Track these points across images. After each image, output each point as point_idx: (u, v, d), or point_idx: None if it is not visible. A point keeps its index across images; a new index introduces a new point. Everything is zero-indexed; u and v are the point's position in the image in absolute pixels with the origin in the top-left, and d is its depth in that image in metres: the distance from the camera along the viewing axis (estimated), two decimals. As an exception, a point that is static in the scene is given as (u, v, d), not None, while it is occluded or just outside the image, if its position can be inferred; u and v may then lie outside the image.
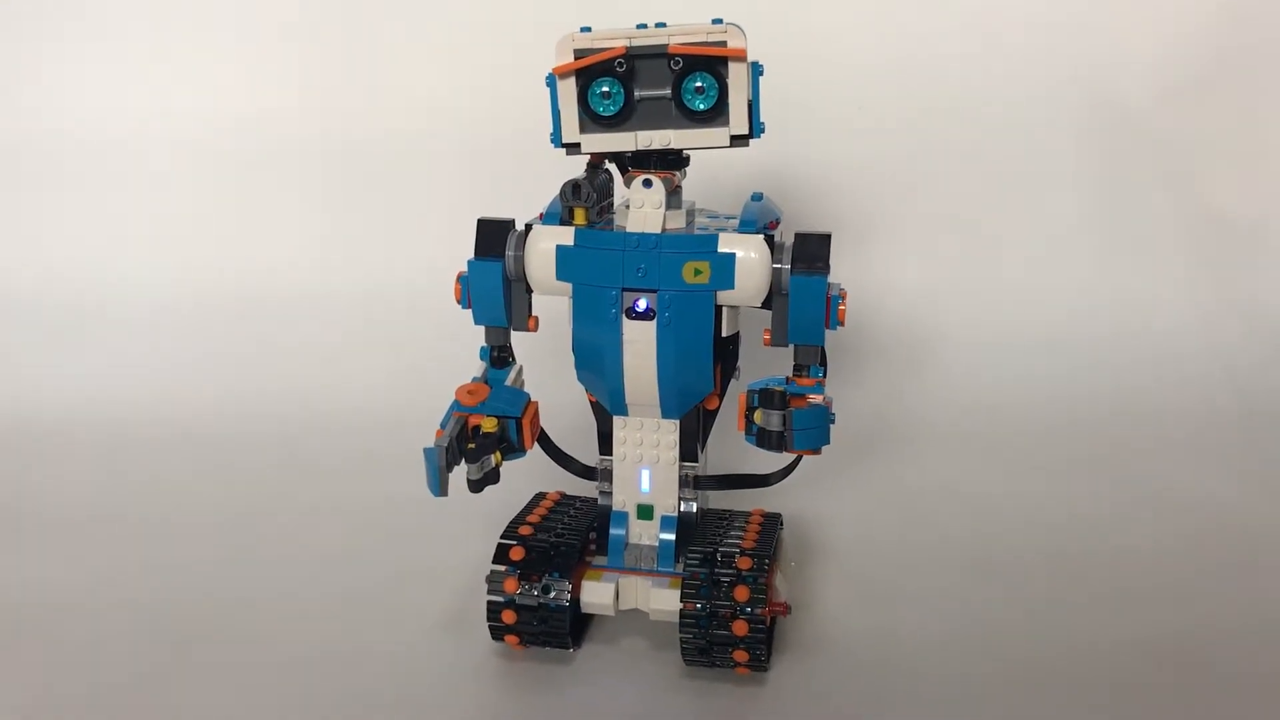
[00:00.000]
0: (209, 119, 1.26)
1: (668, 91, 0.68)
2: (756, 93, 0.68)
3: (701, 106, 0.68)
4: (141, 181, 1.28)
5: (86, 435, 1.14)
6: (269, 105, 1.26)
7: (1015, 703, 0.71)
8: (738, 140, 0.69)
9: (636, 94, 0.68)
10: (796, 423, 0.67)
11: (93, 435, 1.14)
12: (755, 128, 0.69)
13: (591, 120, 0.69)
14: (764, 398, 0.68)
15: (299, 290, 1.25)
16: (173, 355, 1.23)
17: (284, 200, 1.27)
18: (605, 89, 0.68)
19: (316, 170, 1.27)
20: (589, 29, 0.68)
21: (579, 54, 0.68)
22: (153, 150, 1.27)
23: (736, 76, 0.67)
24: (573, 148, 0.70)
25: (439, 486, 0.67)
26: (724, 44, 0.67)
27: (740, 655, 0.70)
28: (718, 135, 0.69)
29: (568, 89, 0.68)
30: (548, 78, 0.69)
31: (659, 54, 0.67)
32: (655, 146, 0.69)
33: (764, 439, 0.68)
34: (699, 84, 0.68)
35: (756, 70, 0.68)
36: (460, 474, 0.69)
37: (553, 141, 0.70)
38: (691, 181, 0.76)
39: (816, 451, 0.69)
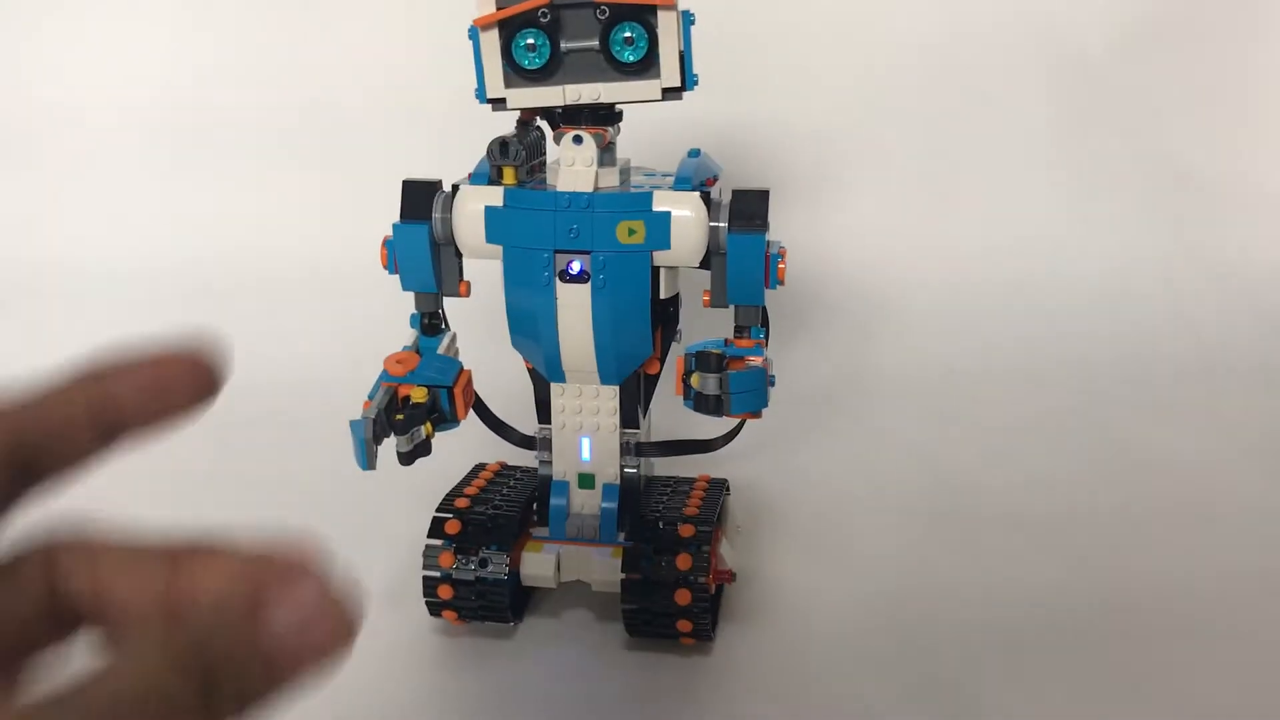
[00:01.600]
0: (154, 97, 1.23)
1: (595, 43, 0.65)
2: (688, 43, 0.65)
3: (631, 58, 0.65)
4: (82, 160, 1.25)
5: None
6: (210, 80, 1.23)
7: (969, 663, 0.70)
8: (669, 93, 0.66)
9: (563, 46, 0.66)
10: (733, 386, 0.65)
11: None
12: (688, 80, 0.66)
13: (516, 74, 0.66)
14: (700, 361, 0.65)
15: (228, 260, 1.22)
16: (105, 327, 1.19)
17: (220, 174, 1.24)
18: (530, 40, 0.65)
19: (255, 142, 1.23)
20: None
21: (501, 4, 0.64)
22: (94, 128, 1.24)
23: (666, 26, 0.64)
24: (498, 103, 0.67)
25: (366, 460, 0.65)
26: None
27: (684, 625, 0.69)
28: (649, 88, 0.66)
29: (490, 41, 0.65)
30: (470, 30, 0.65)
31: (585, 3, 0.64)
32: (584, 101, 0.66)
33: (701, 403, 0.66)
34: (628, 34, 0.65)
35: (688, 19, 0.65)
36: (390, 446, 0.67)
37: (477, 97, 0.67)
38: (632, 139, 0.73)
39: (756, 415, 0.67)
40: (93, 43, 1.23)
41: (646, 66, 0.65)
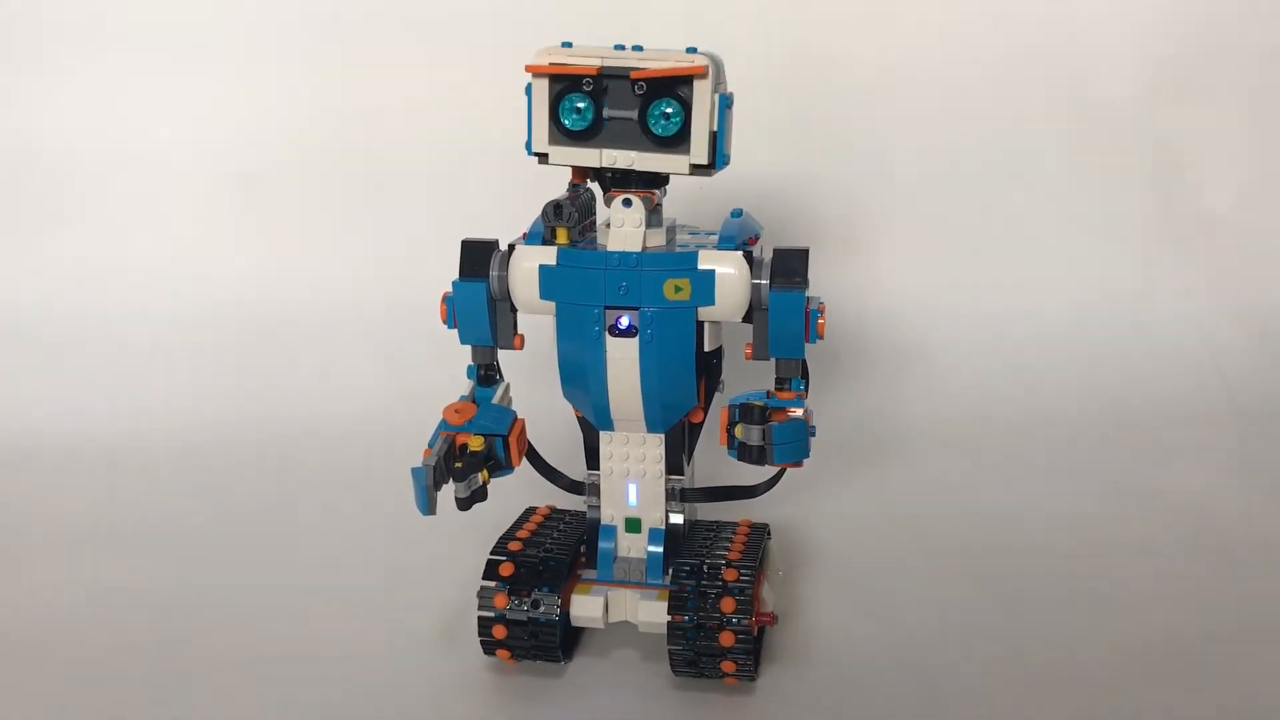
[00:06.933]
0: (204, 141, 1.27)
1: (634, 114, 0.69)
2: (723, 124, 0.68)
3: (663, 132, 0.68)
4: (139, 203, 1.28)
5: (82, 453, 1.15)
6: (263, 126, 1.27)
7: (1006, 707, 0.72)
8: (697, 169, 0.69)
9: (605, 112, 0.69)
10: (776, 437, 0.68)
11: (86, 453, 1.14)
12: (718, 159, 0.69)
13: (561, 133, 0.70)
14: (744, 413, 0.69)
15: (288, 309, 1.26)
16: (163, 374, 1.24)
17: (275, 221, 1.28)
18: (578, 104, 0.69)
19: (308, 191, 1.27)
20: (570, 44, 0.69)
21: (555, 61, 0.68)
22: (149, 171, 1.28)
23: (700, 100, 0.67)
24: (542, 157, 0.71)
25: (427, 505, 0.68)
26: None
27: (728, 666, 0.71)
28: (677, 162, 0.69)
29: (541, 98, 0.69)
30: (526, 87, 0.70)
31: (624, 76, 0.68)
32: (619, 166, 0.70)
33: (745, 453, 0.69)
34: (666, 109, 0.68)
35: (724, 101, 0.68)
36: (449, 492, 0.70)
37: (526, 149, 0.71)
38: (676, 195, 0.76)
39: (798, 464, 0.70)
40: (148, 90, 1.27)
41: (679, 141, 0.69)
